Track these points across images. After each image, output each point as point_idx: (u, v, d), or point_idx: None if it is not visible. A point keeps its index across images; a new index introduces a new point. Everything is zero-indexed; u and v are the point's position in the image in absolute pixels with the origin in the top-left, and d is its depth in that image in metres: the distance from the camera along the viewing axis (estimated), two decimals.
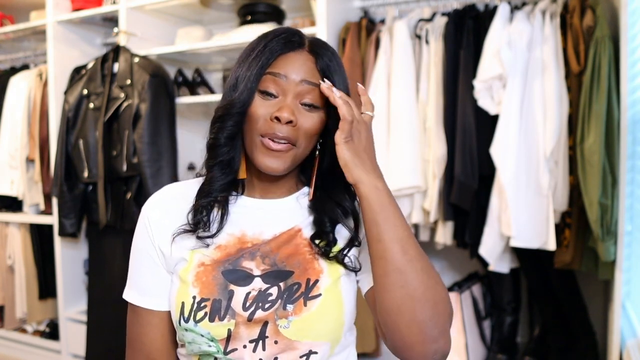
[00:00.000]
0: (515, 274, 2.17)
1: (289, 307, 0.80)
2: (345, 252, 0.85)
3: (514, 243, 1.89)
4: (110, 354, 2.41)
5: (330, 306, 0.81)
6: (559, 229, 1.90)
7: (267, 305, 0.80)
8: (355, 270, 0.86)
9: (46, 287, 2.91)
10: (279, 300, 0.80)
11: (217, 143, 0.84)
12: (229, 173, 0.85)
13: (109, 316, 2.43)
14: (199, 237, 0.84)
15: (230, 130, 0.83)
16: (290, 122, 0.80)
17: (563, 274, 2.02)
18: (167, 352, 0.89)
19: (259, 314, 0.79)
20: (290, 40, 0.84)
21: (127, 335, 0.91)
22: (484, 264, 2.05)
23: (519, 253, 2.06)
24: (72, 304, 2.81)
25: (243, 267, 0.83)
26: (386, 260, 0.75)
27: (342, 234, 0.87)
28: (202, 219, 0.84)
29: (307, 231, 0.87)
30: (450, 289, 2.21)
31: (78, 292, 2.84)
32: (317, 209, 0.88)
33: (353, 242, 0.85)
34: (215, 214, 0.86)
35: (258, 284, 0.81)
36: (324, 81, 0.82)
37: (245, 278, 0.82)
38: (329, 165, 0.87)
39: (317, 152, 0.88)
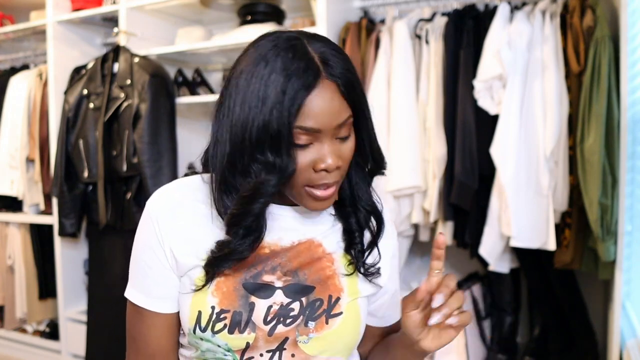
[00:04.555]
0: (515, 274, 2.17)
1: (311, 324, 0.79)
2: (375, 266, 0.85)
3: (514, 243, 1.89)
4: (110, 354, 2.41)
5: (350, 324, 0.81)
6: (559, 229, 1.90)
7: (288, 321, 0.79)
8: (378, 284, 0.86)
9: (46, 287, 2.91)
10: (301, 317, 0.79)
11: (246, 214, 0.74)
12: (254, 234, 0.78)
13: (109, 316, 2.43)
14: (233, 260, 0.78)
15: (264, 203, 0.74)
16: (337, 167, 0.75)
17: (563, 274, 2.02)
18: (171, 352, 0.86)
19: (280, 329, 0.78)
20: (307, 79, 0.70)
21: (128, 334, 0.87)
22: (484, 264, 2.05)
23: (519, 253, 2.06)
24: (72, 304, 2.81)
25: (264, 281, 0.80)
26: None
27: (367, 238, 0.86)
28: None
29: (330, 243, 0.84)
30: None
31: (78, 292, 2.84)
32: (343, 214, 0.85)
33: (373, 244, 0.85)
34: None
35: (280, 297, 0.79)
36: (361, 114, 0.76)
37: (267, 290, 0.80)
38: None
39: None
